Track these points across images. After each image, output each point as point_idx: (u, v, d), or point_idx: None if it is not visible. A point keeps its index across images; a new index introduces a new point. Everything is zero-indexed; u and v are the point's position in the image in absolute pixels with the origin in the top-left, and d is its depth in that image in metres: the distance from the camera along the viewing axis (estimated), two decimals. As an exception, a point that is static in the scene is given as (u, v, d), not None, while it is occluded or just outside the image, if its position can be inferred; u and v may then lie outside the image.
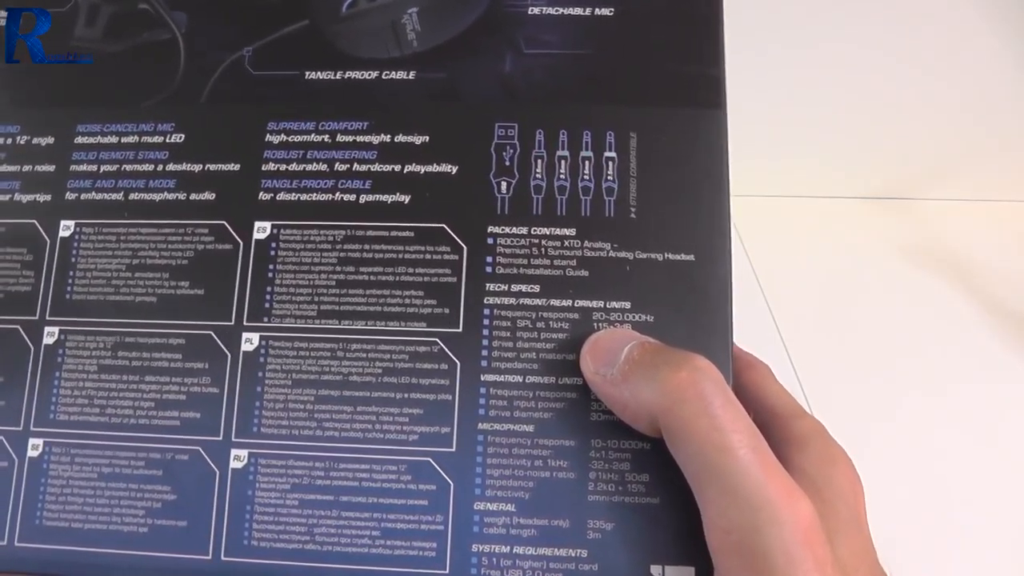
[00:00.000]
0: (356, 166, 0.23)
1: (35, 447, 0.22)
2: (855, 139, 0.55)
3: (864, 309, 0.53)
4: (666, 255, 0.21)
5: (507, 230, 0.22)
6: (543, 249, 0.22)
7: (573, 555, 0.20)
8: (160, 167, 0.23)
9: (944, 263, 0.56)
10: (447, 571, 0.20)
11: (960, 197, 0.60)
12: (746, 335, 0.23)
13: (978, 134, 0.55)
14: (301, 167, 0.23)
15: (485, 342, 0.21)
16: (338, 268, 0.22)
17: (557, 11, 0.23)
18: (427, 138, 0.23)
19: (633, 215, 0.22)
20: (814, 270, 0.55)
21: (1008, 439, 0.47)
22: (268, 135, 0.23)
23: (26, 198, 0.24)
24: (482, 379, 0.21)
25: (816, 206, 0.59)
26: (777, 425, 0.20)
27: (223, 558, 0.21)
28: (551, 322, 0.21)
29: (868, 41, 0.48)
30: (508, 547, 0.20)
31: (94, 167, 0.24)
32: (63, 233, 0.23)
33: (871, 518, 0.20)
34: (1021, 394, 0.49)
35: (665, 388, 0.18)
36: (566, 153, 0.22)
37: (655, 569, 0.20)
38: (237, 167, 0.23)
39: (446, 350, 0.21)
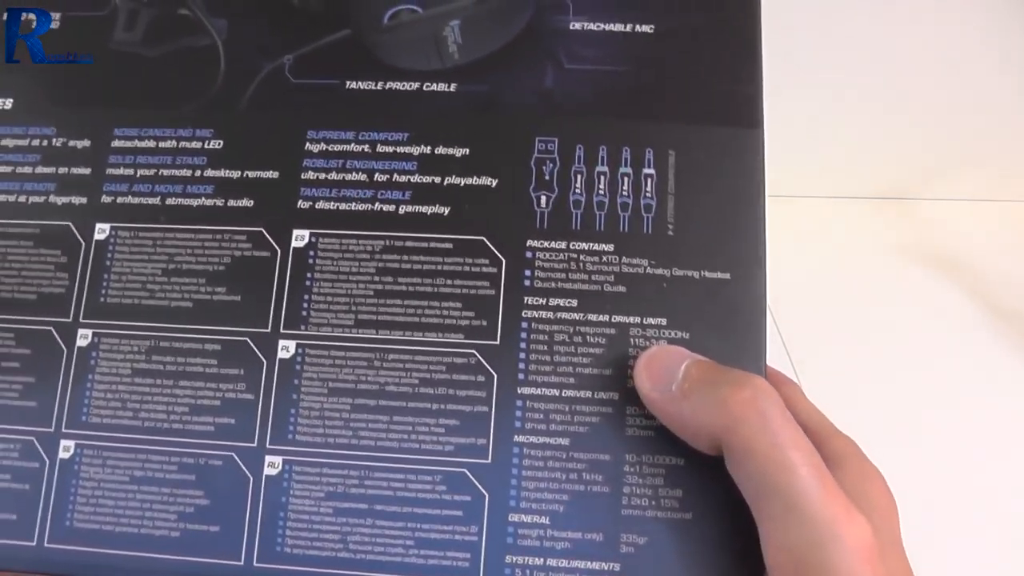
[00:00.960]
0: (396, 176, 0.23)
1: (66, 449, 0.22)
2: (855, 139, 0.55)
3: (864, 309, 0.53)
4: (703, 273, 0.22)
5: (546, 244, 0.22)
6: (581, 264, 0.22)
7: (606, 569, 0.20)
8: (198, 172, 0.23)
9: (944, 263, 0.56)
10: None
11: (960, 197, 0.60)
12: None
13: (978, 134, 0.54)
14: (340, 176, 0.23)
15: (522, 355, 0.21)
16: (376, 278, 0.22)
17: (598, 27, 0.23)
18: (467, 151, 0.23)
19: (671, 232, 0.22)
20: (814, 270, 0.55)
21: (1008, 439, 0.47)
22: (308, 143, 0.23)
23: (61, 200, 0.24)
24: (519, 392, 0.21)
25: (816, 206, 0.59)
26: (813, 444, 0.21)
27: (255, 564, 0.21)
28: (588, 337, 0.21)
29: (868, 42, 0.48)
30: (542, 559, 0.20)
31: (131, 171, 0.24)
32: (98, 236, 0.23)
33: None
34: (1021, 394, 0.49)
35: (727, 406, 0.18)
36: (605, 169, 0.22)
37: None
38: (276, 175, 0.23)
39: (483, 362, 0.21)
